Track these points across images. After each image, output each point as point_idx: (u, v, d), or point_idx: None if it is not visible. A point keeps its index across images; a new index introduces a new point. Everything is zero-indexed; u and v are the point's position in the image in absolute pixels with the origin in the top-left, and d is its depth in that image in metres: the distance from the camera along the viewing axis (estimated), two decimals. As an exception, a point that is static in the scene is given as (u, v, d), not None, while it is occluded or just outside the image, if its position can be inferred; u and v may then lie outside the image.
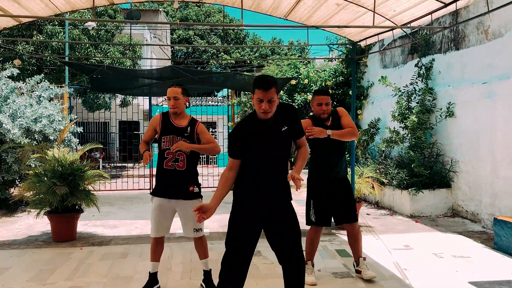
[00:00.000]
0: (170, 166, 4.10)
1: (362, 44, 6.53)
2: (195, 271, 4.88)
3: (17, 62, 10.90)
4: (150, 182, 12.08)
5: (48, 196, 5.93)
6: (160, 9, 28.84)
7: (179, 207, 4.16)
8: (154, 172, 4.39)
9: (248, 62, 31.01)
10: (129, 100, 18.25)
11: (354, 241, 4.68)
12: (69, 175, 6.16)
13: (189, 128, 4.20)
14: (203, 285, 4.30)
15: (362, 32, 6.03)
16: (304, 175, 3.78)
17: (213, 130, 20.25)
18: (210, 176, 12.46)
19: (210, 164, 19.65)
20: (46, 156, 6.39)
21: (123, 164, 19.12)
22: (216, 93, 35.17)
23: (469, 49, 7.59)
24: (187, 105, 4.30)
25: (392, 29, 5.79)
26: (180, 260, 5.35)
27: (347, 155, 8.67)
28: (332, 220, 4.73)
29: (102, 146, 7.64)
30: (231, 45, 35.80)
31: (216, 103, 23.24)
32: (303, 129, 3.36)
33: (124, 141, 16.21)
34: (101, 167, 18.33)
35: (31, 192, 6.18)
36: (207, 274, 4.31)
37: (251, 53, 35.38)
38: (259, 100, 3.06)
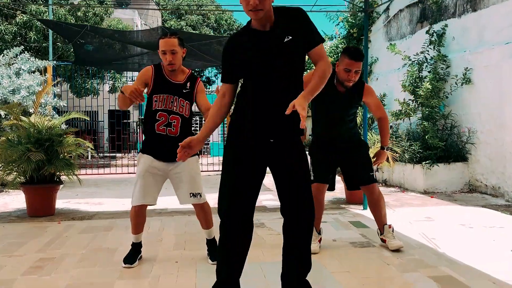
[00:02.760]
0: (161, 131, 3.36)
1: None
2: (190, 243, 4.19)
3: None
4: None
5: (22, 164, 5.20)
6: (151, -3, 27.99)
7: (172, 168, 3.44)
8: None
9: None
10: (118, 86, 17.46)
11: (376, 206, 3.99)
12: (46, 141, 5.42)
13: (188, 83, 3.44)
14: (209, 255, 3.61)
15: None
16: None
17: (207, 119, 19.51)
18: (204, 165, 11.85)
19: (204, 154, 18.91)
20: (21, 122, 5.65)
21: (111, 154, 18.34)
22: (209, 86, 34.47)
23: (488, 8, 6.94)
24: (184, 58, 3.53)
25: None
26: (173, 232, 4.65)
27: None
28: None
29: (88, 118, 6.89)
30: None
31: (208, 92, 22.52)
32: (318, 34, 2.42)
33: (113, 126, 15.37)
34: (89, 157, 17.52)
35: (2, 160, 5.43)
36: (212, 243, 3.62)
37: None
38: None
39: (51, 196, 5.59)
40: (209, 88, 33.50)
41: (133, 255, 3.53)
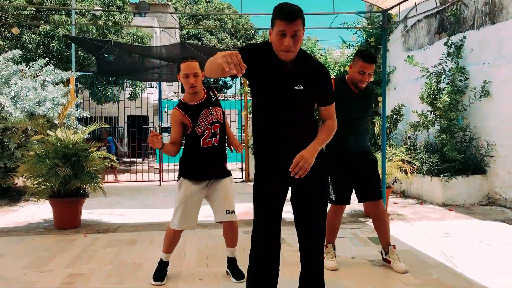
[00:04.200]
0: (207, 144, 3.53)
1: (394, 11, 5.93)
2: (212, 258, 4.31)
3: (15, 30, 10.36)
4: (160, 174, 11.56)
5: (50, 178, 5.39)
6: (169, 4, 28.38)
7: (211, 187, 3.61)
8: (166, 165, 3.70)
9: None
10: (138, 93, 17.73)
11: (380, 223, 4.02)
12: (72, 156, 5.61)
13: (210, 92, 3.64)
14: (229, 272, 3.73)
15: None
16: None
17: (224, 125, 19.71)
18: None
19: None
20: (48, 137, 5.85)
21: (132, 160, 18.63)
22: (225, 90, 34.71)
23: (507, 22, 6.94)
24: (203, 81, 3.69)
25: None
26: (195, 246, 4.78)
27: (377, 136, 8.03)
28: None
29: (108, 127, 7.08)
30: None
31: (226, 98, 22.69)
32: (332, 95, 2.61)
33: (133, 132, 15.62)
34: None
35: (31, 174, 5.64)
36: (232, 260, 3.74)
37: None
38: (280, 35, 2.35)
39: (77, 209, 5.79)
40: (225, 92, 33.75)
41: (162, 272, 3.67)
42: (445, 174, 7.22)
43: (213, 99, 3.63)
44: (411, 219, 6.16)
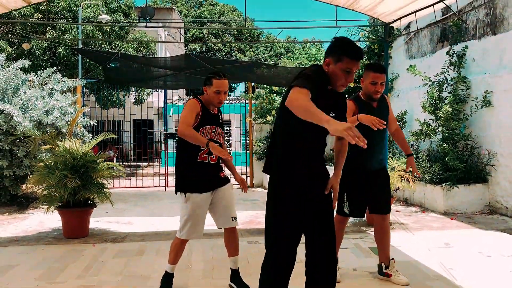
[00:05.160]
0: (203, 159, 3.64)
1: (395, 25, 6.03)
2: (218, 270, 4.43)
3: (25, 45, 10.56)
4: (165, 179, 11.68)
5: (59, 189, 5.54)
6: (174, 7, 28.57)
7: (215, 197, 3.73)
8: (171, 169, 3.85)
9: (263, 61, 30.58)
10: (143, 98, 17.89)
11: (384, 235, 4.10)
12: (81, 167, 5.75)
13: (219, 114, 3.85)
14: (233, 285, 3.84)
15: (397, 11, 5.53)
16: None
17: (228, 128, 19.87)
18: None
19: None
20: (57, 147, 6.00)
21: (137, 163, 18.81)
22: (229, 93, 34.91)
23: (508, 33, 7.03)
24: None
25: (436, 3, 5.25)
26: (200, 258, 4.90)
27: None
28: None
29: (115, 136, 7.24)
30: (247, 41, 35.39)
31: (231, 102, 22.81)
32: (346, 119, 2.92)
33: (139, 140, 15.79)
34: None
35: (41, 185, 5.79)
36: (236, 273, 3.85)
37: (266, 51, 34.98)
38: (347, 72, 2.58)
39: (85, 219, 5.93)
40: (230, 95, 33.95)
41: (168, 284, 3.78)
42: (447, 183, 7.32)
43: (220, 121, 3.82)
44: (413, 229, 6.26)
